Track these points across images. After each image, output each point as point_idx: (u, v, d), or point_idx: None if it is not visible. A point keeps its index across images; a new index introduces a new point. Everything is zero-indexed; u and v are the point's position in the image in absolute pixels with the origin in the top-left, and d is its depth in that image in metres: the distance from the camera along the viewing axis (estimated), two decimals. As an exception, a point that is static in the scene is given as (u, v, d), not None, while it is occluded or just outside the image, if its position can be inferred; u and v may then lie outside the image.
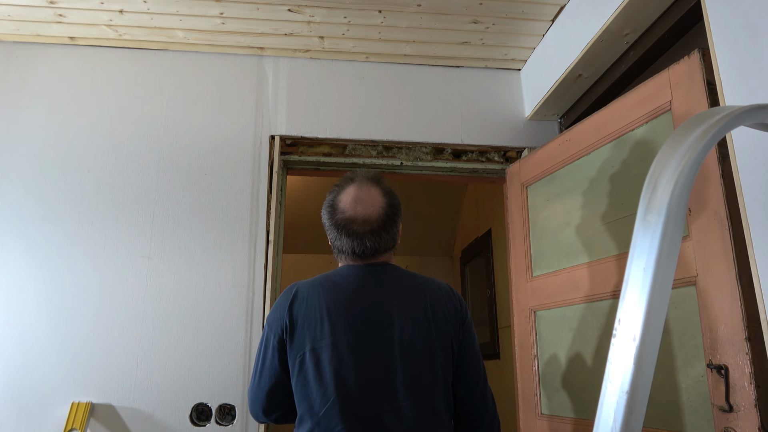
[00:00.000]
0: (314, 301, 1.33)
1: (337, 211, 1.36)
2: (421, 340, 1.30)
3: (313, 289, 1.36)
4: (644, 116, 1.69)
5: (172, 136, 2.29)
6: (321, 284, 1.37)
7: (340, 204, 1.37)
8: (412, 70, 2.51)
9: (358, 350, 1.27)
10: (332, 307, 1.31)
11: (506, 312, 3.17)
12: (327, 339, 1.29)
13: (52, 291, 2.06)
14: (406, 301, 1.33)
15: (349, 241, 1.35)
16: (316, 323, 1.31)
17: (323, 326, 1.30)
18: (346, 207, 1.35)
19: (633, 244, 0.55)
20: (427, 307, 1.35)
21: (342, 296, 1.32)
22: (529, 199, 2.25)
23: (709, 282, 1.40)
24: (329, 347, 1.28)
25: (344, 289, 1.34)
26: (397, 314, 1.31)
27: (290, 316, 1.33)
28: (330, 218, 1.37)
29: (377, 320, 1.30)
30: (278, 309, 1.36)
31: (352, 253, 1.36)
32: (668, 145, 0.58)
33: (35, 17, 2.17)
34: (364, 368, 1.26)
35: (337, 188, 1.40)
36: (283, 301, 1.36)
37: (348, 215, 1.34)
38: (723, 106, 0.61)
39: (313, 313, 1.32)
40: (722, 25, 1.39)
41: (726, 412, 1.29)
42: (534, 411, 2.07)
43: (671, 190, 0.53)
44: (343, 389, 1.24)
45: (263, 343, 1.37)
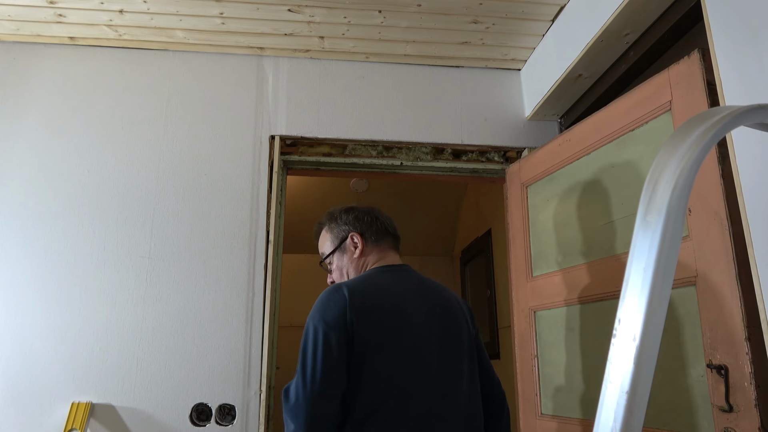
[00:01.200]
0: (371, 301, 1.34)
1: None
2: (461, 333, 1.44)
3: (364, 287, 1.37)
4: (644, 116, 1.68)
5: (172, 135, 2.29)
6: (369, 283, 1.40)
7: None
8: (412, 70, 2.51)
9: (419, 348, 1.33)
10: (389, 305, 1.35)
11: (506, 312, 3.17)
12: (393, 337, 1.31)
13: (52, 291, 2.06)
14: (439, 299, 1.46)
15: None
16: (381, 317, 1.32)
17: (388, 319, 1.32)
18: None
19: (633, 244, 0.55)
20: (454, 304, 1.49)
21: (393, 296, 1.38)
22: (529, 199, 2.25)
23: (709, 282, 1.40)
24: (397, 341, 1.31)
25: (391, 288, 1.41)
26: (439, 311, 1.42)
27: (354, 313, 1.30)
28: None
29: (425, 317, 1.38)
30: (334, 306, 1.32)
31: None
32: (668, 145, 0.58)
33: (35, 17, 2.17)
34: (426, 367, 1.32)
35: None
36: (336, 298, 1.33)
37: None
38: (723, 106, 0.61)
39: (376, 308, 1.33)
40: (722, 25, 1.39)
41: (726, 412, 1.29)
42: (534, 411, 2.07)
43: (671, 190, 0.53)
44: (412, 387, 1.28)
45: (318, 343, 1.27)
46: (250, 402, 2.03)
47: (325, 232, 1.62)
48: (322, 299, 1.36)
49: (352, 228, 1.58)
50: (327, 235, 1.62)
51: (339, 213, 1.62)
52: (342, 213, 1.61)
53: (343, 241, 1.57)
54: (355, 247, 1.55)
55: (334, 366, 1.25)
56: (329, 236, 1.61)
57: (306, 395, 1.23)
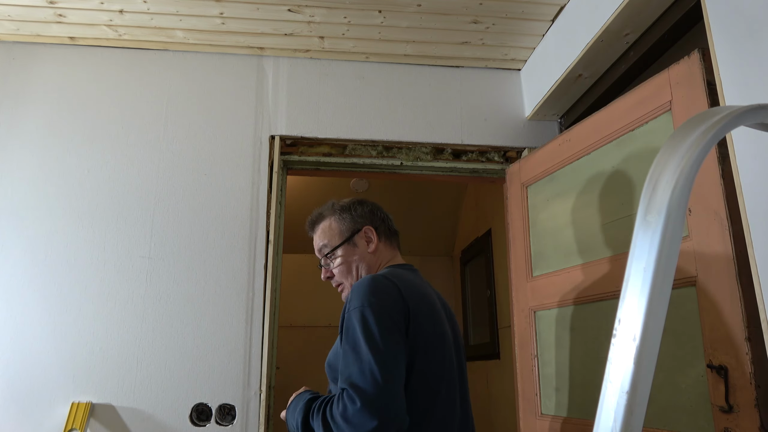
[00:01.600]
0: (417, 297, 1.26)
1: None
2: (459, 336, 1.43)
3: (406, 282, 1.28)
4: (644, 116, 1.68)
5: (172, 135, 2.29)
6: (405, 279, 1.31)
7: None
8: (412, 70, 2.51)
9: (450, 354, 1.30)
10: (427, 306, 1.28)
11: (506, 312, 3.17)
12: (436, 333, 1.25)
13: (52, 291, 2.06)
14: (443, 302, 1.45)
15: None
16: (427, 316, 1.24)
17: (431, 319, 1.25)
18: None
19: (633, 244, 0.55)
20: (448, 307, 1.47)
21: (428, 297, 1.32)
22: (529, 199, 2.25)
23: (709, 282, 1.40)
24: (441, 344, 1.25)
25: (425, 290, 1.34)
26: (446, 315, 1.40)
27: (408, 306, 1.21)
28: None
29: (445, 322, 1.36)
30: (389, 293, 1.20)
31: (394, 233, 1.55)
32: (668, 145, 0.58)
33: (35, 17, 2.17)
34: (453, 375, 1.29)
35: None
36: (388, 285, 1.22)
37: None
38: (723, 106, 0.61)
39: (418, 307, 1.24)
40: (722, 25, 1.39)
41: (726, 412, 1.29)
42: (534, 411, 2.07)
43: (671, 190, 0.53)
44: (450, 395, 1.24)
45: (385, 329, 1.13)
46: (250, 402, 2.03)
47: (333, 222, 1.50)
48: (371, 285, 1.20)
49: (367, 221, 1.49)
50: (335, 226, 1.49)
51: (352, 204, 1.52)
52: (356, 205, 1.52)
53: (355, 233, 1.47)
54: (368, 242, 1.47)
55: (401, 358, 1.13)
56: (338, 227, 1.48)
57: (380, 392, 1.06)
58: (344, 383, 1.09)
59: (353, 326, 1.15)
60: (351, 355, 1.12)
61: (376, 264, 1.46)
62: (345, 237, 1.46)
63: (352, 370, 1.09)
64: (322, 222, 1.51)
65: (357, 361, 1.10)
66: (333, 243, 1.47)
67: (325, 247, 1.48)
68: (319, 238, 1.50)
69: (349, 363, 1.11)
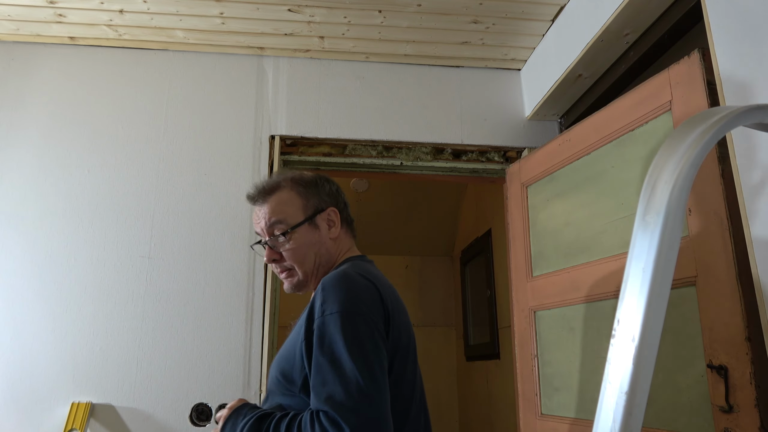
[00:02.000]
0: (391, 297, 1.13)
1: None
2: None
3: (379, 280, 1.15)
4: (644, 116, 1.68)
5: (172, 135, 2.29)
6: (377, 275, 1.18)
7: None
8: (412, 70, 2.51)
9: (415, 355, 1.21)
10: (400, 305, 1.16)
11: (506, 312, 3.17)
12: (409, 335, 1.14)
13: (52, 291, 2.06)
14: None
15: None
16: (401, 321, 1.12)
17: (404, 321, 1.14)
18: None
19: (632, 244, 0.55)
20: None
21: (396, 294, 1.20)
22: (529, 199, 2.25)
23: (709, 282, 1.40)
24: (412, 346, 1.14)
25: (390, 285, 1.21)
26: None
27: (387, 308, 1.08)
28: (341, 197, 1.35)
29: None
30: (369, 295, 1.07)
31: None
32: (668, 145, 0.58)
33: (35, 17, 2.17)
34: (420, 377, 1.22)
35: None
36: (367, 286, 1.09)
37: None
38: (723, 106, 0.61)
39: (395, 307, 1.12)
40: (722, 25, 1.38)
41: (726, 412, 1.29)
42: (534, 411, 2.07)
43: (670, 190, 0.53)
44: (421, 399, 1.16)
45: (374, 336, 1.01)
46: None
47: (295, 195, 1.26)
48: (349, 285, 1.06)
49: (332, 202, 1.30)
50: (297, 200, 1.25)
51: (319, 179, 1.31)
52: (323, 181, 1.31)
53: (318, 213, 1.26)
54: (330, 226, 1.27)
55: (386, 370, 1.00)
56: (300, 202, 1.25)
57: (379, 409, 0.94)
58: (323, 404, 0.93)
59: (332, 335, 0.98)
60: (331, 371, 0.95)
61: (336, 253, 1.27)
62: (307, 215, 1.24)
63: (334, 390, 0.93)
64: (279, 192, 1.26)
65: (340, 379, 0.94)
66: (292, 220, 1.23)
67: (279, 224, 1.22)
68: (272, 212, 1.23)
69: (328, 380, 0.95)
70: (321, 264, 1.25)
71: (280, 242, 1.22)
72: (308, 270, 1.24)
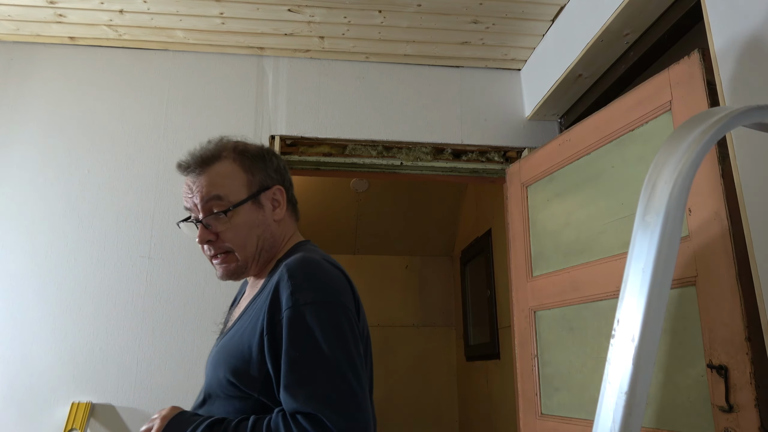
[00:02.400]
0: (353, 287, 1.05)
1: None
2: None
3: (338, 263, 1.07)
4: (644, 116, 1.68)
5: (172, 135, 2.29)
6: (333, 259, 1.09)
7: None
8: (412, 70, 2.51)
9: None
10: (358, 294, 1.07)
11: (506, 312, 3.17)
12: (369, 333, 1.05)
13: (52, 291, 2.06)
14: None
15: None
16: (362, 310, 1.04)
17: (364, 315, 1.05)
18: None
19: (632, 245, 0.55)
20: None
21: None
22: (529, 199, 2.25)
23: (709, 282, 1.40)
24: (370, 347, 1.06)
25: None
26: None
27: (355, 294, 1.01)
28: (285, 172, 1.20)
29: None
30: (342, 284, 0.99)
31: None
32: (667, 145, 0.58)
33: (35, 17, 2.17)
34: None
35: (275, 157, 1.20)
36: (339, 275, 1.00)
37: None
38: (722, 107, 0.61)
39: (358, 295, 1.04)
40: (722, 25, 1.38)
41: (726, 412, 1.29)
42: (534, 411, 2.07)
43: (670, 190, 0.53)
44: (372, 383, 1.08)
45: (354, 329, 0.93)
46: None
47: (238, 169, 1.10)
48: (323, 273, 0.97)
49: (279, 179, 1.16)
50: (240, 175, 1.10)
51: (267, 153, 1.15)
52: (271, 155, 1.16)
53: (264, 190, 1.12)
54: (275, 206, 1.13)
55: (364, 371, 0.92)
56: (245, 177, 1.10)
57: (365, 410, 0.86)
58: (302, 405, 0.83)
59: (310, 328, 0.88)
60: (312, 368, 0.86)
61: (280, 237, 1.15)
62: (252, 192, 1.10)
63: (317, 390, 0.84)
64: (220, 163, 1.10)
65: (325, 377, 0.85)
66: (233, 197, 1.08)
67: (218, 200, 1.07)
68: (211, 186, 1.08)
69: (308, 378, 0.85)
70: (264, 248, 1.11)
71: (219, 221, 1.07)
72: (249, 255, 1.10)
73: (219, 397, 1.01)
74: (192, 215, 1.12)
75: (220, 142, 1.14)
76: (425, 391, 4.39)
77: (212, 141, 1.14)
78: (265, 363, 0.93)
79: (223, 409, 0.99)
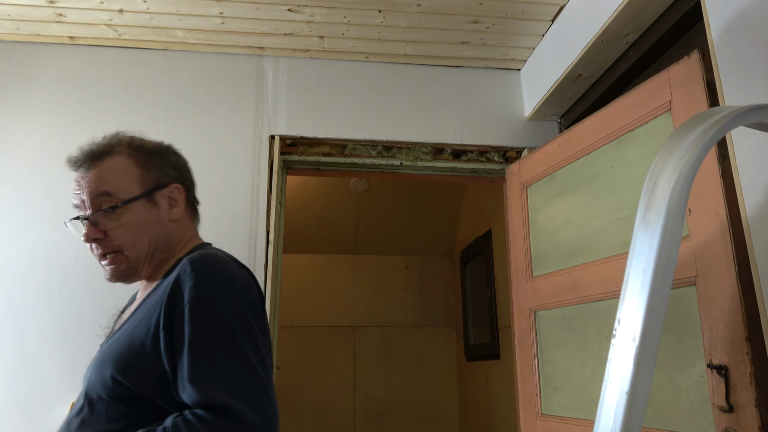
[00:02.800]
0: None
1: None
2: None
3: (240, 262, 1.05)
4: (644, 116, 1.68)
5: (172, 135, 2.29)
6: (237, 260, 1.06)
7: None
8: (412, 70, 2.51)
9: None
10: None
11: (506, 312, 3.17)
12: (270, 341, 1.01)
13: (53, 291, 2.06)
14: None
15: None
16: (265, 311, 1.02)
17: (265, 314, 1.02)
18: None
19: (633, 245, 0.55)
20: None
21: None
22: (529, 199, 2.25)
23: (709, 282, 1.40)
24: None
25: None
26: None
27: (261, 294, 0.99)
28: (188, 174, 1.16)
29: None
30: (249, 283, 0.96)
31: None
32: (668, 145, 0.58)
33: (35, 17, 2.17)
34: None
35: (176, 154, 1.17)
36: (245, 274, 0.98)
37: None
38: (722, 106, 0.61)
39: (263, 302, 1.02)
40: (722, 25, 1.39)
41: (726, 412, 1.29)
42: (534, 411, 2.07)
43: (671, 190, 0.53)
44: None
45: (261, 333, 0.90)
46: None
47: (131, 164, 1.05)
48: (226, 267, 0.93)
49: (177, 177, 1.12)
50: (133, 171, 1.05)
51: (164, 149, 1.12)
52: (169, 152, 1.12)
53: (159, 188, 1.06)
54: (172, 206, 1.09)
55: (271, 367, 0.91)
56: (138, 173, 1.05)
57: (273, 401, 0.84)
58: (213, 397, 0.79)
59: (214, 320, 0.84)
60: (220, 359, 0.81)
61: (177, 238, 1.10)
62: (146, 189, 1.04)
63: (225, 381, 0.80)
64: (112, 158, 1.05)
65: (235, 368, 0.81)
66: (124, 193, 1.02)
67: (107, 196, 1.01)
68: (100, 181, 1.02)
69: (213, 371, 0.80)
70: (157, 249, 1.06)
71: (108, 219, 1.01)
72: (140, 255, 1.04)
73: (102, 400, 0.90)
74: (81, 213, 1.04)
75: (114, 136, 1.09)
76: (425, 391, 4.39)
77: (107, 136, 1.09)
78: (160, 360, 0.85)
79: (106, 415, 0.88)
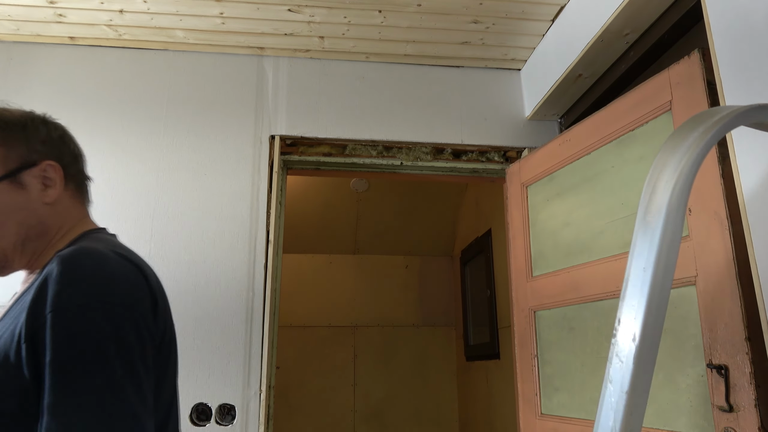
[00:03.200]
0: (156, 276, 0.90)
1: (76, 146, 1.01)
2: None
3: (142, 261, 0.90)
4: (644, 116, 1.68)
5: (172, 135, 2.29)
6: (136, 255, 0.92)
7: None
8: (412, 70, 2.51)
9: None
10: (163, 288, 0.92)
11: (506, 312, 3.17)
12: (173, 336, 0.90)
13: (52, 291, 2.06)
14: None
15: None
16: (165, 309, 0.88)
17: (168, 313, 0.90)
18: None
19: (633, 244, 0.55)
20: None
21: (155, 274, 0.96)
22: (529, 199, 2.25)
23: (709, 282, 1.40)
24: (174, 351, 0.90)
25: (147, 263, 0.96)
26: None
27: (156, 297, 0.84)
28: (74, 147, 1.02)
29: None
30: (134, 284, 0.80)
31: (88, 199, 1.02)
32: (668, 145, 0.58)
33: (35, 17, 2.17)
34: None
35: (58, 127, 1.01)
36: (131, 272, 0.81)
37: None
38: (723, 106, 0.61)
39: (160, 292, 0.88)
40: (722, 25, 1.39)
41: (726, 412, 1.29)
42: (534, 411, 2.07)
43: (671, 190, 0.53)
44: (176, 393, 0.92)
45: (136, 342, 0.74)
46: (250, 402, 2.03)
47: None
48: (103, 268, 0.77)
49: (50, 153, 0.94)
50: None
51: (29, 120, 0.93)
52: (37, 123, 0.95)
53: (26, 168, 0.89)
54: (46, 186, 0.92)
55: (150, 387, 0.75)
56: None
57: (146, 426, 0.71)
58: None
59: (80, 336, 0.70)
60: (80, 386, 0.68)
61: (57, 224, 0.94)
62: (8, 169, 0.88)
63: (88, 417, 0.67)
64: None
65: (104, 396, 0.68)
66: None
67: None
68: None
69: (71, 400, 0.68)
70: (29, 238, 0.91)
71: None
72: (7, 245, 0.89)
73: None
74: None
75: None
76: (425, 391, 4.39)
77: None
78: (22, 379, 0.71)
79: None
